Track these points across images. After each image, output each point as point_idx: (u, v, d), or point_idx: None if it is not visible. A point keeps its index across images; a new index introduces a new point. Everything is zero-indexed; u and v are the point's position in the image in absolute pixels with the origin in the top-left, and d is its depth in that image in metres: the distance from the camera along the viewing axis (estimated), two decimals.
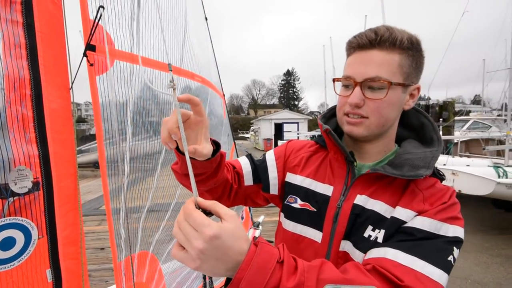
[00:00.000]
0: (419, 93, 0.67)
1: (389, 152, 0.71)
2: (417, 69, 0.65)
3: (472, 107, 23.56)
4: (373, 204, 0.64)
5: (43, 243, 0.93)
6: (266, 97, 63.30)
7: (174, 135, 0.54)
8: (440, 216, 0.58)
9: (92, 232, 4.27)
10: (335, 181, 0.71)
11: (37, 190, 0.91)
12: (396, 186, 0.64)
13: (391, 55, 0.61)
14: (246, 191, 0.83)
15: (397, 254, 0.54)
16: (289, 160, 0.82)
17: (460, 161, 7.29)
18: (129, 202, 1.25)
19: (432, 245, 0.55)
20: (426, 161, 0.63)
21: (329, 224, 0.68)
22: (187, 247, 0.42)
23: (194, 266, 0.42)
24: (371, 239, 0.61)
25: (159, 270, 1.47)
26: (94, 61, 1.02)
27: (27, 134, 0.91)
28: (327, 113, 0.81)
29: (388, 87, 0.61)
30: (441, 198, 0.61)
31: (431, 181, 0.64)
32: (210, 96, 1.88)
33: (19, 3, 0.88)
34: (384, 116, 0.64)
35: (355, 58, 0.64)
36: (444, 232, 0.57)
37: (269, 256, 0.45)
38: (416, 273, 0.51)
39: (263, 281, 0.43)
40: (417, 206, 0.60)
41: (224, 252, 0.42)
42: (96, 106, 1.04)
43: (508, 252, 4.02)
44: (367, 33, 0.62)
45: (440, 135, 0.70)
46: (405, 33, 0.62)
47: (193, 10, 1.83)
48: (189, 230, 0.42)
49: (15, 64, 0.89)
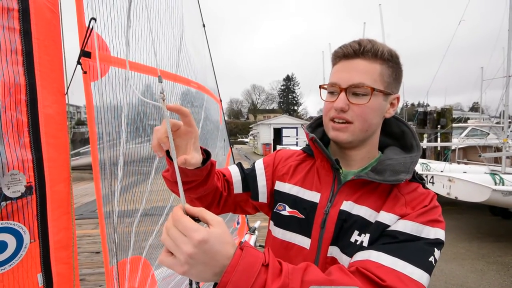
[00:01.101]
0: (398, 102, 0.71)
1: (373, 159, 0.74)
2: (396, 80, 0.69)
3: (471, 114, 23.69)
4: (359, 210, 0.66)
5: (35, 247, 0.94)
6: (265, 102, 63.55)
7: (163, 144, 0.56)
8: (422, 219, 0.60)
9: (87, 236, 4.25)
10: (322, 188, 0.73)
11: (30, 195, 0.92)
12: (380, 192, 0.67)
13: (373, 65, 0.65)
14: (236, 199, 0.85)
15: (380, 256, 0.56)
16: (278, 169, 0.84)
17: (458, 168, 7.33)
18: (123, 206, 1.26)
19: (414, 246, 0.57)
20: (406, 166, 0.67)
21: (317, 230, 0.70)
22: (176, 253, 0.43)
23: (182, 271, 0.43)
24: (357, 243, 0.63)
25: (152, 275, 1.47)
26: (90, 67, 1.04)
27: (21, 138, 0.92)
28: (313, 123, 0.84)
29: (371, 93, 0.65)
30: (422, 202, 0.64)
31: (413, 186, 0.67)
32: (206, 102, 1.90)
33: (17, 10, 0.89)
34: (367, 121, 0.68)
35: (341, 67, 0.68)
36: (425, 235, 0.59)
37: (255, 260, 0.46)
38: (397, 273, 0.53)
39: (248, 283, 0.44)
40: (399, 210, 0.63)
41: (211, 256, 0.43)
42: (90, 111, 1.05)
43: (504, 259, 4.02)
44: (351, 44, 0.67)
45: (419, 141, 0.74)
46: (385, 46, 0.67)
47: (190, 17, 1.86)
48: (178, 235, 0.43)
49: (11, 69, 0.91)
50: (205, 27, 2.20)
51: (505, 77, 7.42)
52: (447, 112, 10.74)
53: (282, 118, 25.82)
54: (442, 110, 10.87)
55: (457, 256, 4.14)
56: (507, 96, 7.42)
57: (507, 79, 7.26)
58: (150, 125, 1.40)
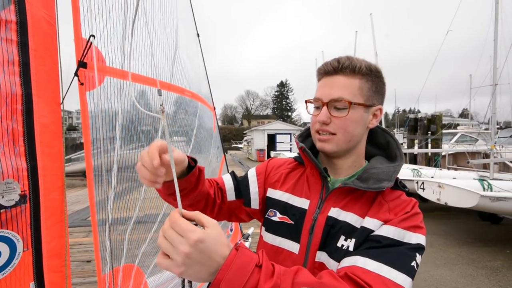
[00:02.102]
0: (381, 113, 0.76)
1: (359, 167, 0.79)
2: (377, 92, 0.74)
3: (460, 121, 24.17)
4: (345, 216, 0.70)
5: (28, 256, 0.94)
6: (259, 108, 63.80)
7: (165, 154, 0.57)
8: (404, 224, 0.64)
9: (78, 244, 4.18)
10: (311, 195, 0.77)
11: (24, 203, 0.93)
12: (365, 199, 0.71)
13: (352, 80, 0.71)
14: (230, 206, 0.88)
15: (366, 262, 0.59)
16: (270, 176, 0.88)
17: (448, 173, 7.45)
18: (116, 213, 1.26)
19: (397, 251, 0.61)
20: (389, 174, 0.71)
21: (306, 236, 0.73)
22: (173, 254, 0.45)
23: (179, 272, 0.45)
24: (343, 248, 0.67)
25: (144, 283, 1.47)
26: (85, 78, 1.06)
27: (16, 147, 0.93)
28: (304, 133, 0.88)
29: (349, 106, 0.70)
30: (404, 208, 0.68)
31: (396, 194, 0.71)
32: (200, 110, 1.93)
33: (14, 22, 0.91)
34: (349, 132, 0.72)
35: (323, 82, 0.74)
36: (408, 240, 0.62)
37: (249, 260, 0.48)
38: (383, 278, 0.56)
39: (241, 282, 0.46)
40: (383, 216, 0.67)
41: (208, 256, 0.46)
42: (85, 120, 1.07)
43: (493, 264, 4.09)
44: (331, 62, 0.73)
45: (402, 151, 0.79)
46: (363, 62, 0.72)
47: (185, 26, 1.89)
48: (175, 236, 0.45)
49: (7, 80, 0.92)
50: (199, 36, 2.24)
51: (491, 85, 7.64)
52: (437, 119, 10.96)
53: (276, 124, 25.95)
54: (432, 117, 11.08)
55: (448, 261, 4.19)
56: (495, 103, 7.63)
57: (494, 87, 7.47)
58: (143, 131, 1.42)
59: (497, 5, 7.51)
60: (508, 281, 3.62)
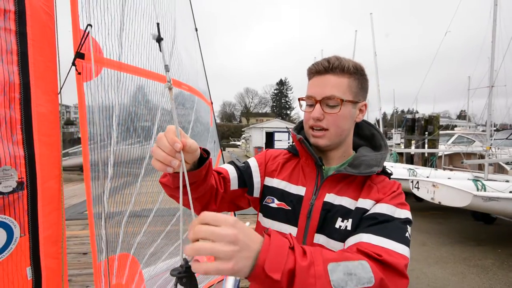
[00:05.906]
0: (366, 108, 0.84)
1: (348, 157, 0.86)
2: (362, 89, 0.81)
3: (458, 122, 24.30)
4: (340, 200, 0.77)
5: (25, 241, 0.96)
6: (258, 106, 63.76)
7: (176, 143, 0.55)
8: (393, 201, 0.72)
9: (75, 237, 4.20)
10: (307, 183, 0.83)
11: (21, 190, 0.95)
12: (356, 183, 0.79)
13: (342, 79, 0.76)
14: (232, 196, 0.90)
15: (369, 237, 0.65)
16: (268, 166, 0.93)
17: (443, 174, 7.52)
18: (112, 206, 1.28)
19: (393, 225, 0.68)
20: (377, 161, 0.80)
21: (304, 220, 0.79)
22: (218, 247, 0.45)
23: (231, 265, 0.45)
24: (342, 228, 0.74)
25: (139, 272, 1.50)
26: (83, 68, 1.08)
27: (14, 135, 0.95)
28: (298, 126, 0.94)
29: (341, 103, 0.76)
30: (391, 188, 0.77)
31: (382, 178, 0.80)
32: (196, 104, 1.95)
33: (13, 12, 0.93)
34: (340, 127, 0.79)
35: (314, 81, 0.79)
36: (398, 215, 0.70)
37: (283, 242, 0.52)
38: (387, 250, 0.62)
39: (282, 261, 0.50)
40: (374, 196, 0.75)
41: (249, 238, 0.48)
42: (82, 111, 1.09)
43: (484, 262, 4.15)
44: (322, 62, 0.78)
45: (386, 142, 0.88)
46: (350, 61, 0.78)
47: (183, 20, 1.90)
48: (212, 228, 0.46)
49: (5, 68, 0.94)
50: (197, 31, 2.26)
51: (488, 87, 7.69)
52: (434, 120, 11.03)
53: (275, 122, 25.99)
54: (429, 118, 11.15)
55: (440, 259, 4.25)
56: (491, 105, 7.68)
57: (490, 89, 7.52)
58: (141, 126, 1.44)
59: (496, 7, 7.54)
60: (498, 279, 3.68)
